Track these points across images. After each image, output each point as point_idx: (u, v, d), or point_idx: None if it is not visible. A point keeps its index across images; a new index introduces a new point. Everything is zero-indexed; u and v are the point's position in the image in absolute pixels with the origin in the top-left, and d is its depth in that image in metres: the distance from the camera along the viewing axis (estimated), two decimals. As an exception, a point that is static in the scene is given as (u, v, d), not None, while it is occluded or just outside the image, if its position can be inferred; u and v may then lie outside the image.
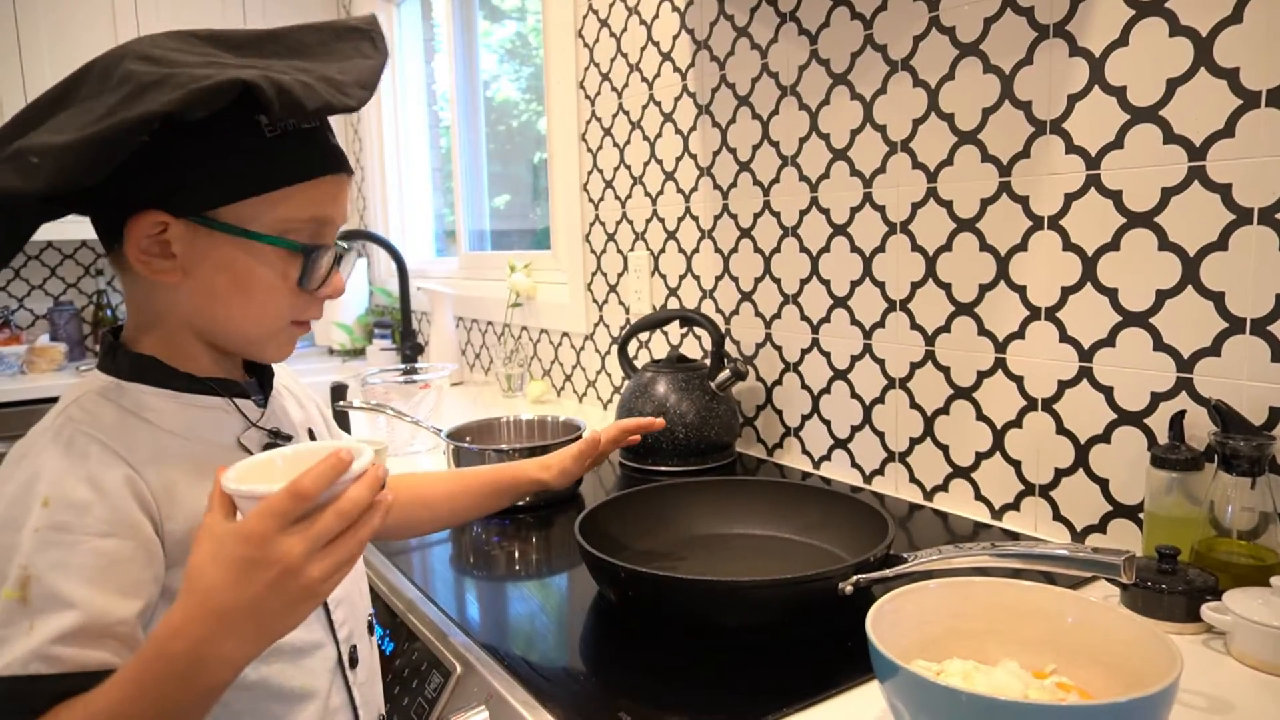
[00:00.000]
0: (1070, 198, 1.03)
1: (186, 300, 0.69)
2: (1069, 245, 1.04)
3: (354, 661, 0.78)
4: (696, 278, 1.66)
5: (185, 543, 0.64)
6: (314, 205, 0.69)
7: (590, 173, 1.95)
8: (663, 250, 1.74)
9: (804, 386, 1.44)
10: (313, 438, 0.83)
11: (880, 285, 1.28)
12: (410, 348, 2.46)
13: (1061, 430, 1.07)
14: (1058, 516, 1.09)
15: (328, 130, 0.71)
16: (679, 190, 1.67)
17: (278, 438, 0.76)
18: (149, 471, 0.65)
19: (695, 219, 1.64)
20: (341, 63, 0.69)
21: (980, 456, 1.17)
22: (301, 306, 0.72)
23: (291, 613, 0.57)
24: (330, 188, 0.70)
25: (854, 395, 1.35)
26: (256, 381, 0.79)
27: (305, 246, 0.69)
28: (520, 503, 1.28)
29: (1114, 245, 0.99)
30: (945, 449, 1.22)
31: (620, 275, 1.88)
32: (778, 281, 1.46)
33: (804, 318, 1.42)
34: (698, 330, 1.67)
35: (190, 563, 0.56)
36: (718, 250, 1.59)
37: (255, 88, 0.60)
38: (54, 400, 0.71)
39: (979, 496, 1.18)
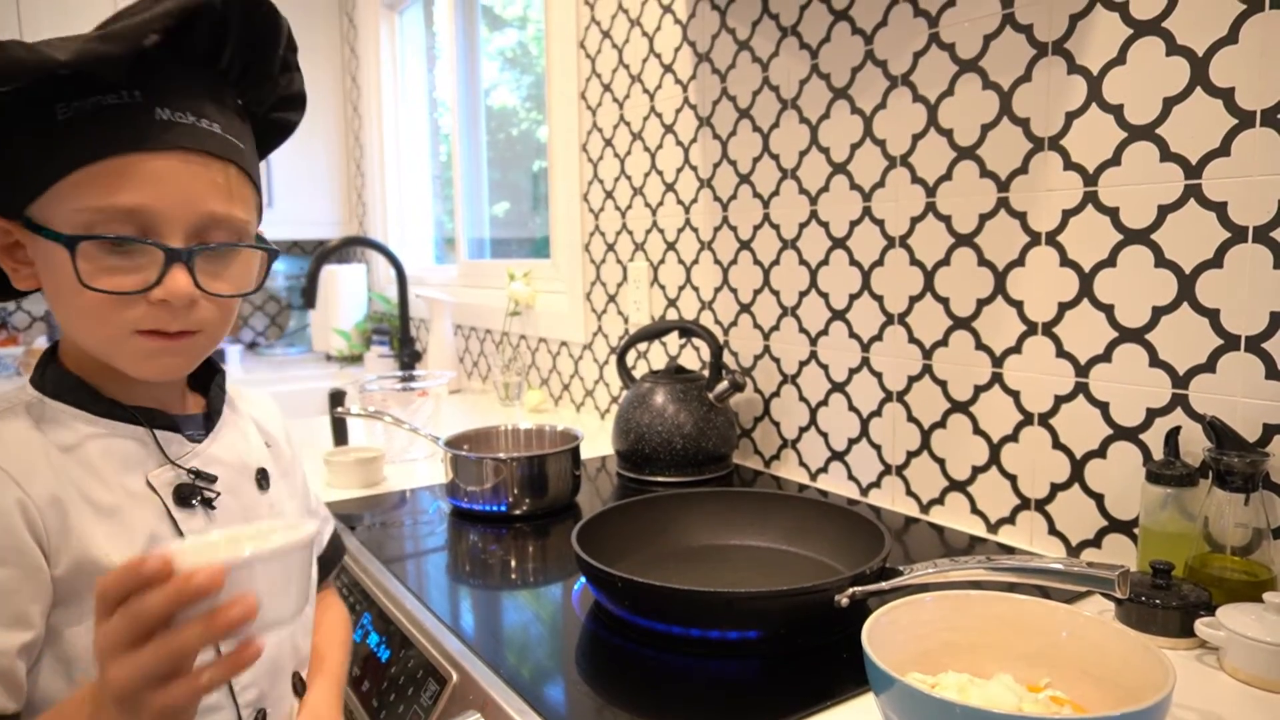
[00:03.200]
0: (1068, 214, 1.04)
1: (50, 307, 0.66)
2: (1066, 261, 1.04)
3: None
4: (696, 289, 1.66)
5: (72, 582, 0.61)
6: (106, 192, 0.59)
7: (591, 183, 1.96)
8: (662, 261, 1.75)
9: (802, 399, 1.44)
10: (263, 478, 0.77)
11: (879, 299, 1.29)
12: (408, 355, 2.46)
13: (1057, 445, 1.07)
14: (1053, 531, 1.09)
15: (161, 104, 0.61)
16: (679, 201, 1.68)
17: (198, 479, 0.70)
18: (44, 500, 0.61)
19: (695, 230, 1.65)
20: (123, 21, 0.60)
21: (976, 470, 1.18)
22: (137, 315, 0.62)
23: (119, 714, 0.49)
24: (143, 168, 0.60)
25: (851, 408, 1.35)
26: (204, 414, 0.75)
27: (66, 237, 0.59)
28: (518, 511, 1.28)
29: (1111, 261, 1.00)
30: (942, 462, 1.22)
31: (619, 285, 1.89)
32: (776, 294, 1.47)
33: (802, 330, 1.43)
34: (696, 341, 1.67)
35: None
36: (717, 262, 1.60)
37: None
38: None
39: (975, 510, 1.19)
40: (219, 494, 0.71)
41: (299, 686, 0.78)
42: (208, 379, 0.78)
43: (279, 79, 0.73)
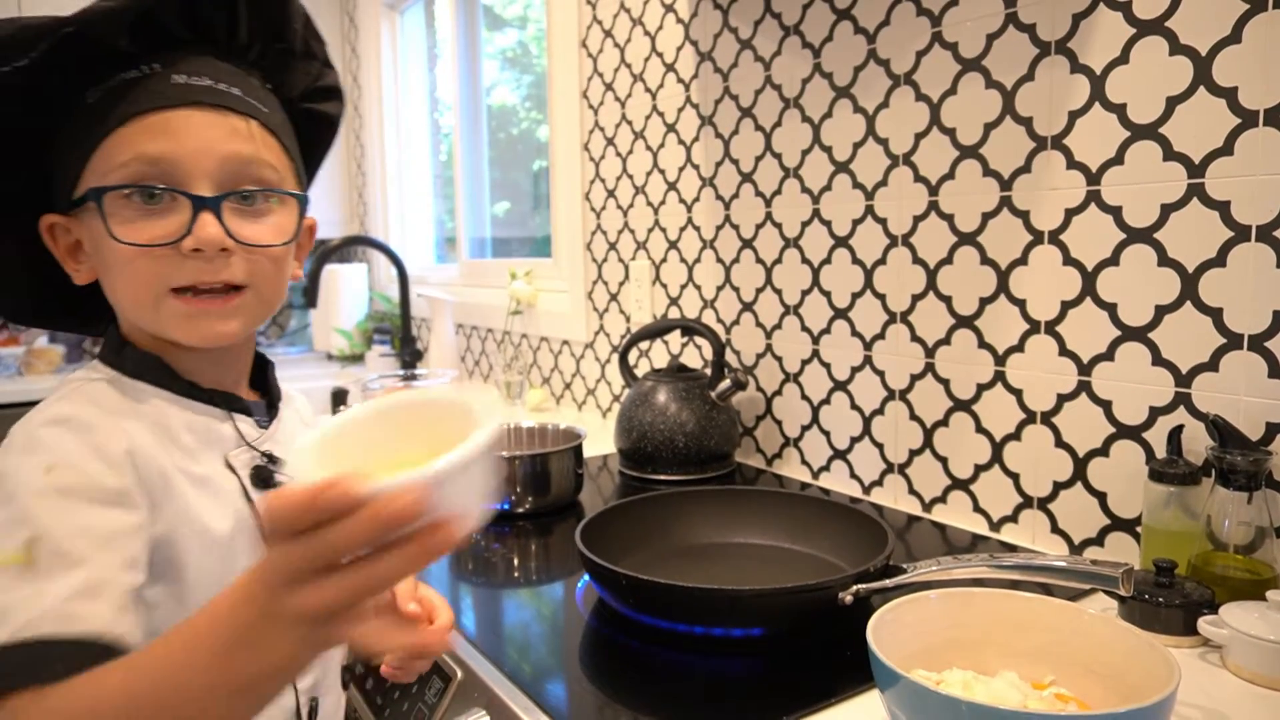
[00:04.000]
0: (1070, 213, 1.04)
1: (106, 294, 0.67)
2: (1069, 260, 1.04)
3: (312, 714, 0.74)
4: (698, 287, 1.66)
5: (167, 540, 0.62)
6: (133, 145, 0.61)
7: (593, 182, 1.96)
8: (664, 260, 1.75)
9: (804, 397, 1.44)
10: None
11: (881, 297, 1.29)
12: (410, 354, 2.47)
13: (1060, 444, 1.08)
14: (1056, 529, 1.09)
15: (179, 72, 0.64)
16: (681, 200, 1.68)
17: (271, 462, 0.72)
18: (148, 457, 0.62)
19: (697, 229, 1.65)
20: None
21: (979, 469, 1.18)
22: (170, 270, 0.63)
23: (294, 630, 0.44)
24: (160, 121, 0.62)
25: (854, 406, 1.35)
26: (265, 403, 0.76)
27: (93, 190, 0.61)
28: (521, 509, 1.29)
29: (1114, 260, 1.00)
30: (944, 461, 1.22)
31: (621, 284, 1.89)
32: (779, 292, 1.47)
33: (805, 328, 1.43)
34: (698, 340, 1.67)
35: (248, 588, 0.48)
36: (719, 260, 1.60)
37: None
38: None
39: (977, 509, 1.19)
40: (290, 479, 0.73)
41: (346, 679, 0.79)
42: (259, 372, 0.79)
43: (305, 67, 0.74)
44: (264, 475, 0.71)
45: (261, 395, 0.76)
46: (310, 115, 0.76)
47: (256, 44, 0.70)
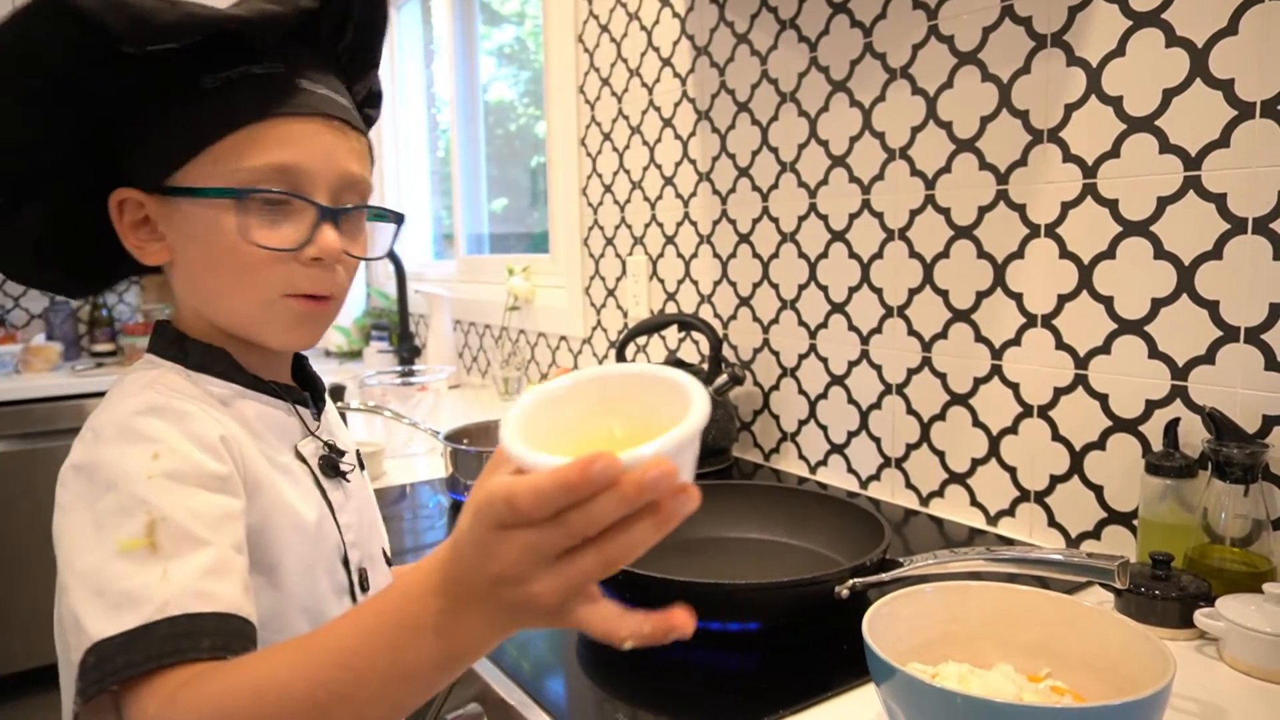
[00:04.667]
0: (1067, 206, 1.04)
1: (180, 283, 0.67)
2: (1065, 253, 1.04)
3: (364, 587, 0.73)
4: (695, 282, 1.66)
5: (259, 528, 0.62)
6: (264, 151, 0.62)
7: (589, 177, 1.96)
8: (661, 255, 1.75)
9: (801, 392, 1.44)
10: (359, 460, 0.77)
11: (878, 291, 1.29)
12: (408, 350, 2.46)
13: (1057, 437, 1.07)
14: (1052, 523, 1.09)
15: (301, 75, 0.64)
16: (678, 195, 1.68)
17: (332, 452, 0.72)
18: (239, 445, 0.62)
19: (694, 224, 1.65)
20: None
21: (976, 463, 1.18)
22: (290, 275, 0.64)
23: (516, 616, 0.44)
24: (292, 130, 0.63)
25: (851, 401, 1.35)
26: (311, 394, 0.76)
27: (238, 190, 0.61)
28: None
29: (1110, 253, 1.00)
30: (941, 455, 1.22)
31: (618, 279, 1.89)
32: (776, 287, 1.47)
33: (802, 323, 1.43)
34: (695, 335, 1.67)
35: (458, 524, 0.45)
36: (716, 255, 1.60)
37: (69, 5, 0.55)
38: (52, 400, 0.70)
39: (974, 503, 1.19)
40: (352, 467, 0.74)
41: (388, 559, 0.80)
42: (297, 364, 0.78)
43: (371, 74, 0.75)
44: (332, 464, 0.71)
45: (304, 387, 0.76)
46: (362, 118, 0.76)
47: (348, 53, 0.71)
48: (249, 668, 0.50)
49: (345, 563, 0.71)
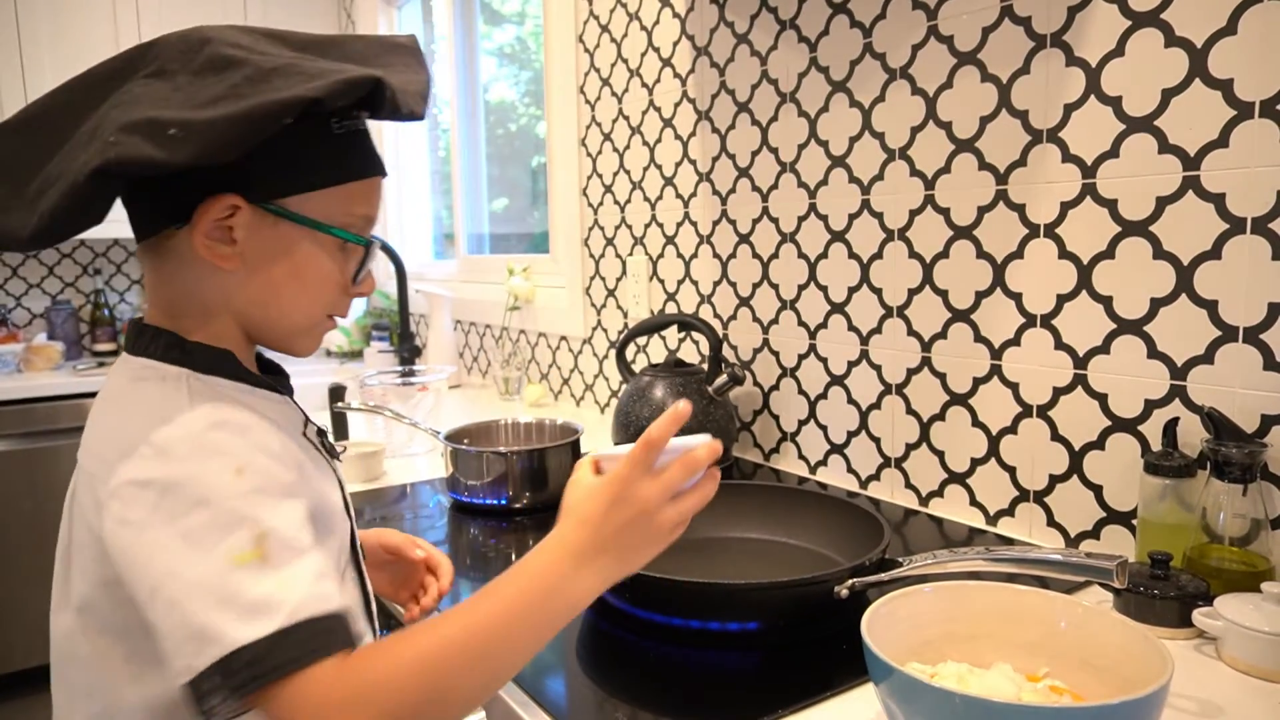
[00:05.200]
0: (1066, 206, 1.04)
1: (239, 288, 0.69)
2: (1065, 253, 1.04)
3: (360, 556, 0.79)
4: (695, 282, 1.66)
5: (313, 520, 0.65)
6: (367, 203, 0.72)
7: (590, 177, 1.96)
8: (661, 255, 1.75)
9: (801, 392, 1.44)
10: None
11: (877, 291, 1.29)
12: (408, 350, 2.46)
13: (1056, 437, 1.08)
14: (1052, 522, 1.09)
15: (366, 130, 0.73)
16: (678, 195, 1.68)
17: (322, 438, 0.77)
18: (288, 450, 0.66)
19: (694, 224, 1.65)
20: (400, 74, 0.69)
21: (975, 462, 1.18)
22: (340, 301, 0.74)
23: (643, 550, 0.64)
24: (378, 187, 0.73)
25: (850, 401, 1.35)
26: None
27: (367, 240, 0.72)
28: (518, 505, 1.29)
29: (1109, 253, 1.00)
30: (941, 455, 1.23)
31: (619, 279, 1.89)
32: (776, 287, 1.47)
33: (801, 323, 1.43)
34: (695, 335, 1.67)
35: (565, 504, 0.65)
36: (716, 255, 1.60)
37: (385, 88, 0.64)
38: (53, 399, 0.70)
39: (974, 502, 1.19)
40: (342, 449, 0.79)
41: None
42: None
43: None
44: (329, 445, 0.77)
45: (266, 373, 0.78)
46: None
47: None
48: (405, 640, 0.58)
49: (353, 535, 0.76)
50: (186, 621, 0.55)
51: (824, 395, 1.40)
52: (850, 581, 0.85)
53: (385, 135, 3.10)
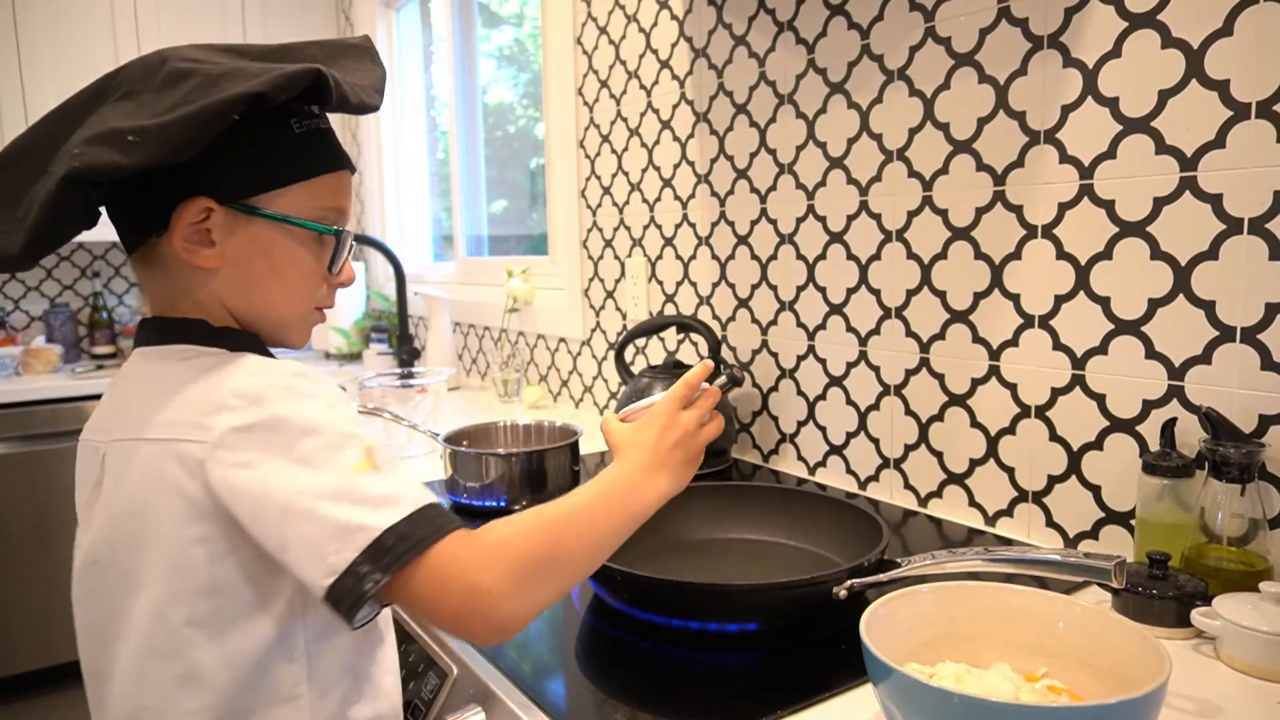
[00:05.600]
0: (1064, 207, 1.04)
1: (224, 286, 0.74)
2: (1062, 254, 1.05)
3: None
4: (693, 284, 1.67)
5: None
6: (335, 196, 0.77)
7: (588, 179, 1.96)
8: (660, 257, 1.75)
9: (800, 393, 1.44)
10: None
11: (876, 293, 1.29)
12: (407, 352, 2.47)
13: (1054, 437, 1.08)
14: (1050, 523, 1.09)
15: (329, 126, 0.78)
16: (676, 197, 1.68)
17: None
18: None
19: (693, 226, 1.65)
20: (353, 71, 0.75)
21: (974, 463, 1.18)
22: (323, 293, 0.79)
23: (687, 466, 0.78)
24: (345, 181, 0.78)
25: (849, 402, 1.35)
26: None
27: (339, 230, 0.77)
28: (517, 506, 1.29)
29: (1106, 254, 1.00)
30: (940, 455, 1.23)
31: (617, 281, 1.89)
32: (774, 288, 1.47)
33: (800, 324, 1.43)
34: (694, 336, 1.67)
35: (615, 442, 0.79)
36: (715, 257, 1.60)
37: (326, 78, 0.69)
38: (52, 402, 0.73)
39: (973, 503, 1.19)
40: None
41: None
42: None
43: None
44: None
45: None
46: None
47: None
48: (517, 515, 0.69)
49: None
50: (327, 523, 0.62)
51: (823, 396, 1.40)
52: (849, 582, 0.85)
53: (384, 138, 3.11)
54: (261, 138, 0.71)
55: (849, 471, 1.37)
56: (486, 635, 0.64)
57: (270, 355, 0.75)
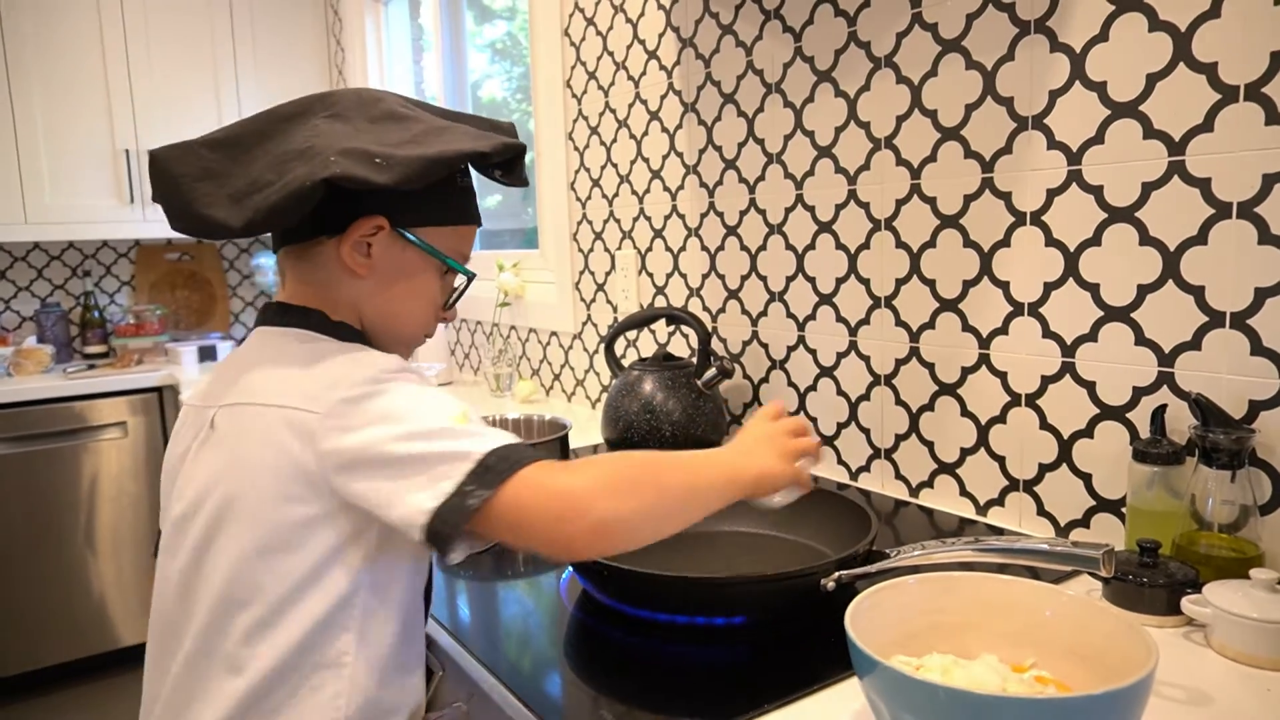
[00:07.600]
0: (1052, 193, 1.03)
1: (365, 292, 0.83)
2: (1051, 241, 1.04)
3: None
4: (683, 276, 1.66)
5: None
6: (467, 244, 0.89)
7: (577, 171, 1.95)
8: (649, 249, 1.74)
9: (790, 384, 1.44)
10: None
11: (865, 282, 1.28)
12: (399, 348, 2.46)
13: (1045, 426, 1.07)
14: (1041, 511, 1.09)
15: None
16: (665, 189, 1.67)
17: None
18: None
19: (682, 217, 1.64)
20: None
21: (965, 452, 1.17)
22: (434, 322, 0.89)
23: (778, 464, 0.82)
24: (474, 234, 0.90)
25: (840, 392, 1.35)
26: None
27: (470, 272, 0.88)
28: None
29: (1095, 240, 0.99)
30: (930, 445, 1.22)
31: (608, 274, 1.88)
32: (764, 279, 1.46)
33: (790, 315, 1.42)
34: (684, 328, 1.67)
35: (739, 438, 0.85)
36: (704, 248, 1.59)
37: (524, 153, 0.85)
38: (43, 403, 0.73)
39: (964, 492, 1.18)
40: None
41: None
42: None
43: None
44: None
45: None
46: None
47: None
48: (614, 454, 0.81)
49: None
50: (430, 456, 0.68)
51: (813, 387, 1.39)
52: (837, 574, 0.84)
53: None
54: (439, 183, 0.82)
55: (840, 462, 1.36)
56: (585, 537, 0.67)
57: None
